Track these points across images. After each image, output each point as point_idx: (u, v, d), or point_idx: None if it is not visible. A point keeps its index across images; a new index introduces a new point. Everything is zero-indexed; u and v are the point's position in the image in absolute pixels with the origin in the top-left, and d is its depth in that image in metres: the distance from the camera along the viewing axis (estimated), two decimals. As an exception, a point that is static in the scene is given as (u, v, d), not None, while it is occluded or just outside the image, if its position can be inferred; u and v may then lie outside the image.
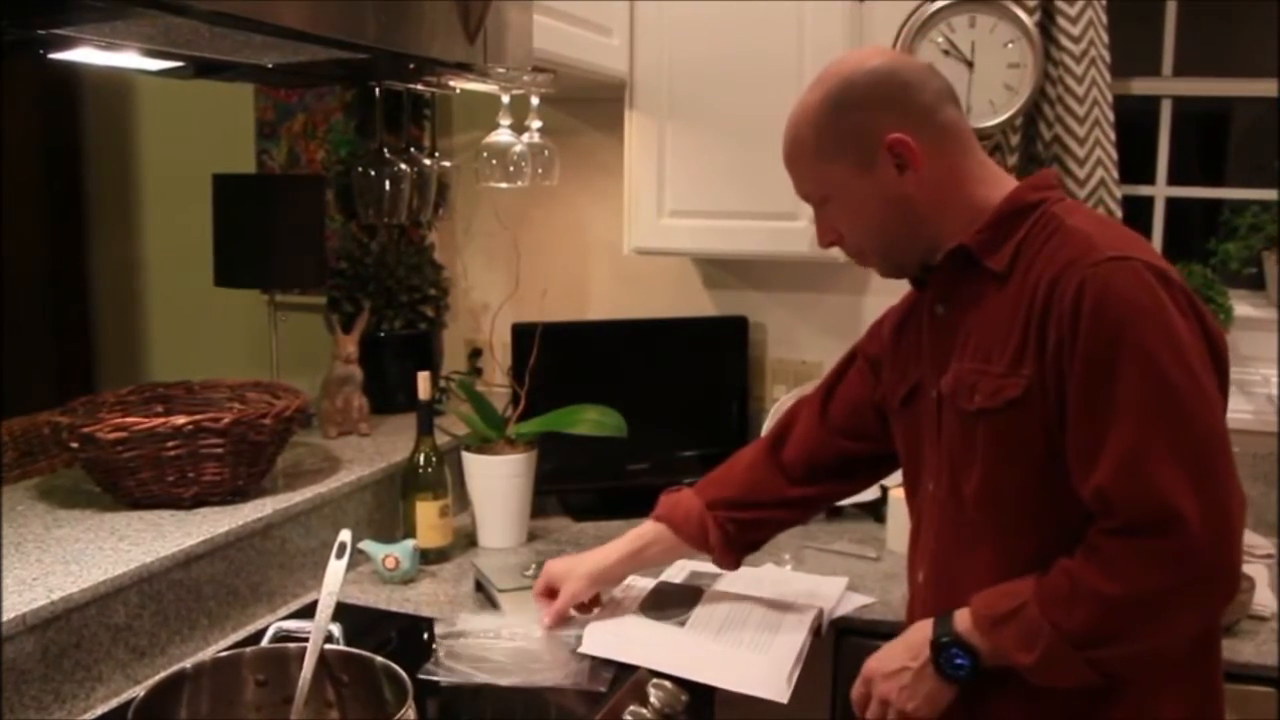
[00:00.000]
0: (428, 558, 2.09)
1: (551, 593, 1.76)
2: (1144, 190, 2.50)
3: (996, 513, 1.34)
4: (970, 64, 2.21)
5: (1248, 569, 1.93)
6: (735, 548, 1.72)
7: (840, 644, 1.94)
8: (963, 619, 1.34)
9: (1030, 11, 2.19)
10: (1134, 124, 2.41)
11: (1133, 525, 1.21)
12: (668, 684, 1.59)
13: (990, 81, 2.21)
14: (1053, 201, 1.35)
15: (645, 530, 1.77)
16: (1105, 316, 1.22)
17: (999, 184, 1.39)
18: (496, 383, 2.62)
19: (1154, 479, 1.19)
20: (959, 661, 1.33)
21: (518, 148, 2.26)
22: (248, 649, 1.50)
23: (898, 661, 1.40)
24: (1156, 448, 1.19)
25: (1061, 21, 2.22)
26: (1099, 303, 1.22)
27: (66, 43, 1.44)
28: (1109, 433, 1.21)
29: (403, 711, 1.27)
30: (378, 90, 2.26)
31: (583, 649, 1.69)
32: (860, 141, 1.36)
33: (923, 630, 1.38)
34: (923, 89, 1.37)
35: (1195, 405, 1.21)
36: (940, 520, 1.44)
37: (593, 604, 1.79)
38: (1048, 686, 1.29)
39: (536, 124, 2.32)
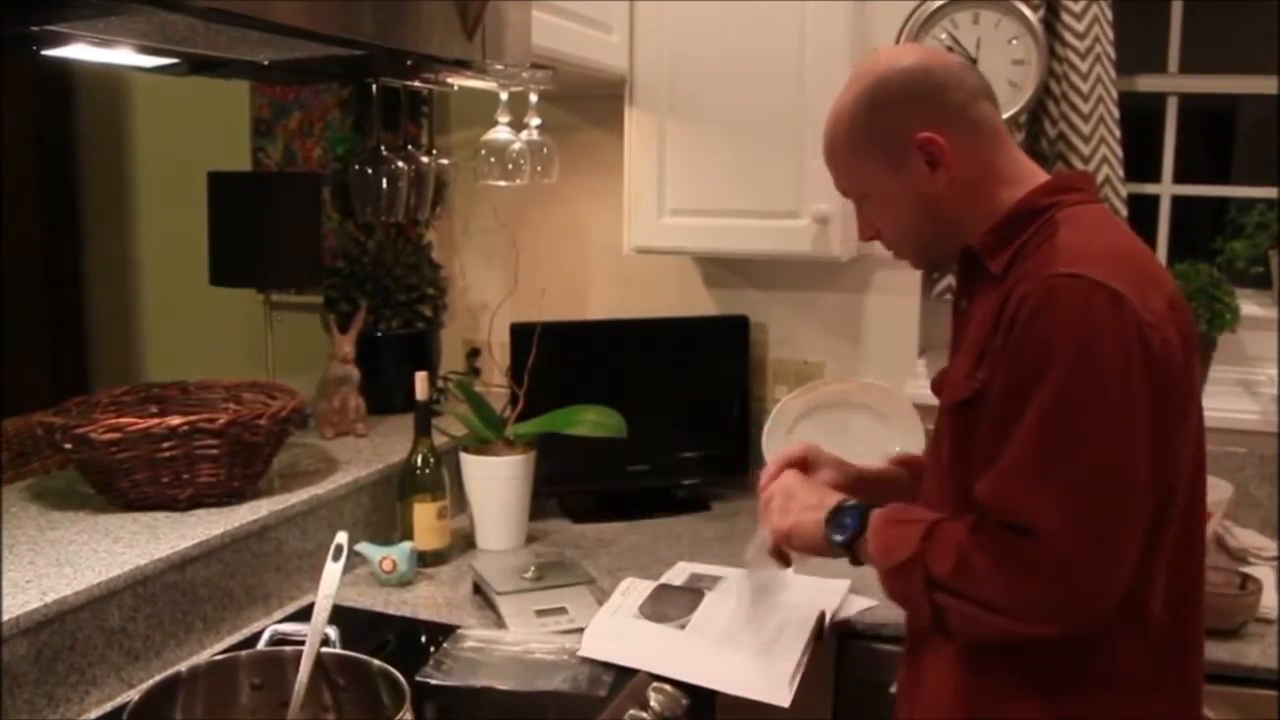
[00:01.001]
0: (425, 560, 2.09)
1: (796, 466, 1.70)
2: (1150, 188, 2.50)
3: (950, 505, 1.37)
4: (974, 60, 2.21)
5: (1254, 571, 1.94)
6: None
7: (842, 647, 1.94)
8: (878, 511, 1.41)
9: (1034, 7, 2.20)
10: (1139, 121, 2.41)
11: (1000, 529, 1.24)
12: (668, 688, 1.59)
13: (994, 78, 2.18)
14: (1062, 207, 1.35)
15: (889, 469, 1.73)
16: (1037, 332, 1.23)
17: (1025, 184, 1.40)
18: (495, 383, 2.61)
19: (1021, 494, 1.22)
20: (846, 523, 1.42)
21: (516, 145, 2.26)
22: (243, 652, 1.50)
23: (815, 493, 1.50)
24: (1039, 468, 1.21)
25: (1066, 17, 2.22)
26: (1032, 318, 1.23)
27: (60, 39, 1.44)
28: (1008, 447, 1.24)
29: (400, 715, 1.26)
30: (375, 87, 2.26)
31: (582, 652, 1.69)
32: (891, 140, 1.38)
33: (836, 496, 1.48)
34: (957, 87, 1.39)
35: (1099, 437, 1.21)
36: (926, 506, 1.46)
37: None
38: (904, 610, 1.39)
39: (535, 121, 2.31)
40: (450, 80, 2.09)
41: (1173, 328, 1.26)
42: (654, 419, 2.43)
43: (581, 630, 1.75)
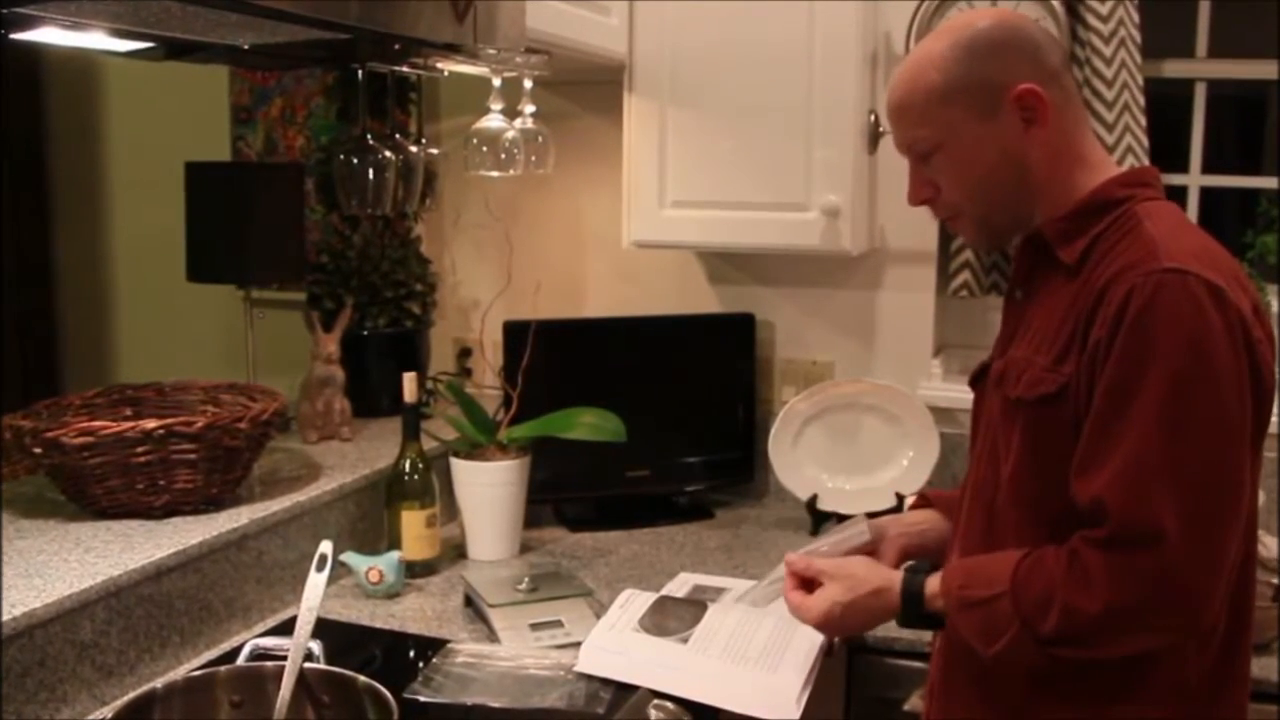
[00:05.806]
0: (414, 571, 2.09)
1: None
2: (1177, 179, 2.49)
3: (1024, 504, 1.38)
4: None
5: (1286, 582, 1.93)
6: None
7: (853, 663, 1.94)
8: (933, 589, 1.39)
9: (1056, -11, 2.20)
10: (1166, 108, 2.41)
11: (1117, 538, 1.25)
12: (669, 705, 1.59)
13: (1013, 63, 2.21)
14: (1139, 200, 1.38)
15: (919, 515, 1.67)
16: (1145, 329, 1.25)
17: (1098, 171, 1.42)
18: (487, 384, 2.62)
19: (1149, 495, 1.23)
20: (926, 621, 1.42)
21: (510, 134, 2.26)
22: (222, 668, 1.50)
23: (866, 611, 1.45)
24: (1157, 466, 1.24)
25: (1090, 0, 2.23)
26: (1142, 313, 1.25)
27: (29, 21, 1.44)
28: (1119, 445, 1.25)
29: (387, 734, 1.27)
30: (361, 73, 2.26)
31: (579, 667, 1.69)
32: (989, 88, 1.39)
33: (891, 593, 1.42)
34: (1051, 51, 1.41)
35: (1209, 438, 1.24)
36: (974, 504, 1.48)
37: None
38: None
39: (530, 108, 2.31)
40: (440, 65, 2.10)
41: (1260, 329, 1.30)
42: (655, 422, 2.43)
43: (578, 644, 1.75)
